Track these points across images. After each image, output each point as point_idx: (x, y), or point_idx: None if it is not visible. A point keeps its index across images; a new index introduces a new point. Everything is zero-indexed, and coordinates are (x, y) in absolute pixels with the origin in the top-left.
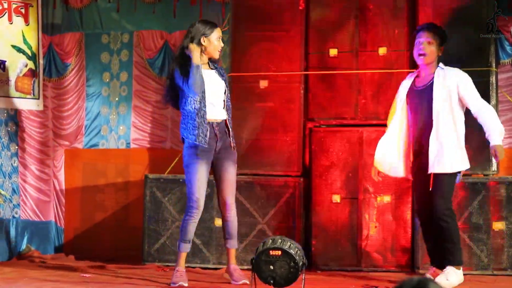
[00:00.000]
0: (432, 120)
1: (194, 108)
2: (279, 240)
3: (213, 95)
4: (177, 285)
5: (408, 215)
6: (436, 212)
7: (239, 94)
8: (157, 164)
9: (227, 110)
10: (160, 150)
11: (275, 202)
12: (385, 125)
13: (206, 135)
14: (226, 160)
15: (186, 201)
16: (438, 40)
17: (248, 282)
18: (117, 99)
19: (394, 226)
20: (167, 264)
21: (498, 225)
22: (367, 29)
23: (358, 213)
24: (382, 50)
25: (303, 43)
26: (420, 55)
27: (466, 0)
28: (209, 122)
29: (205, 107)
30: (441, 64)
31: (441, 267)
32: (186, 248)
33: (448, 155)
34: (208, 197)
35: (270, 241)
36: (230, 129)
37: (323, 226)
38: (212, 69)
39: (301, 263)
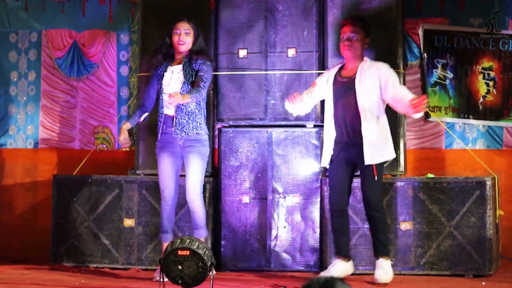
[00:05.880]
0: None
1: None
2: (188, 240)
3: (168, 91)
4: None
5: (316, 215)
6: (370, 203)
7: None
8: (66, 164)
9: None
10: (69, 150)
11: (184, 202)
12: (294, 126)
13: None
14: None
15: None
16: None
17: None
18: (25, 98)
19: (303, 226)
20: (75, 264)
21: (406, 225)
22: (276, 30)
23: (267, 214)
24: (291, 51)
25: (212, 44)
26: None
27: (375, 2)
28: (166, 115)
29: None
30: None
31: (348, 256)
32: (165, 238)
33: (380, 146)
34: (117, 197)
35: (179, 241)
36: (193, 120)
37: (232, 226)
38: (180, 64)
39: (209, 263)
